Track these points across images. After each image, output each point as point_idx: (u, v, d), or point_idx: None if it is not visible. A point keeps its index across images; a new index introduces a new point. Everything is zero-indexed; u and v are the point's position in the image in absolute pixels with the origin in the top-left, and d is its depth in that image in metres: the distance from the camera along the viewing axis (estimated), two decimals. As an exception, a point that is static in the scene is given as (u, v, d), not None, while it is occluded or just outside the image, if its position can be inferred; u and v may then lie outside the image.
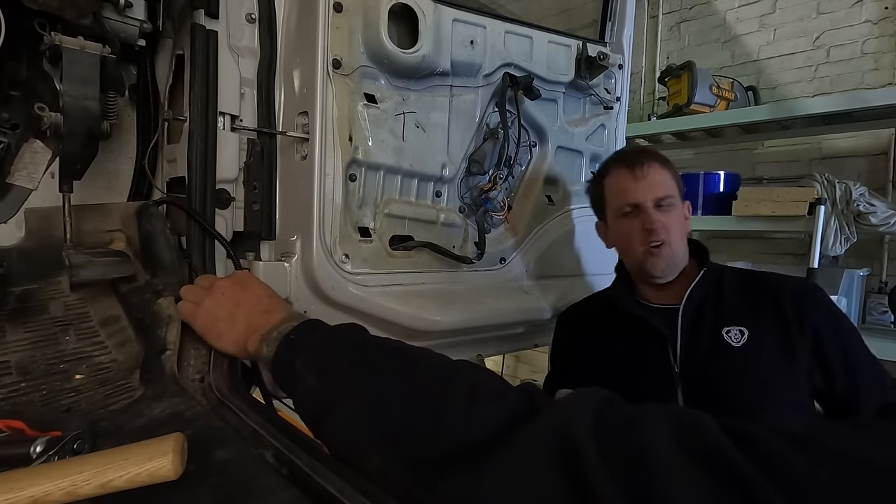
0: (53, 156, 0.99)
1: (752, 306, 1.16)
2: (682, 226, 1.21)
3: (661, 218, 1.16)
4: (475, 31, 1.22)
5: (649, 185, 1.17)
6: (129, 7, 0.90)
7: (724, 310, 1.17)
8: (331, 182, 1.07)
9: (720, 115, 2.54)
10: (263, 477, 0.58)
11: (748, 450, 0.38)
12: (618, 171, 1.22)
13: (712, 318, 1.16)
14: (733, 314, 1.16)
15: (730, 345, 1.12)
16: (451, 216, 1.29)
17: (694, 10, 3.08)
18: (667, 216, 1.17)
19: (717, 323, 1.15)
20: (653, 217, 1.16)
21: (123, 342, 0.85)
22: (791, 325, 1.13)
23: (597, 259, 1.54)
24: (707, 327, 1.15)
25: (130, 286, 0.92)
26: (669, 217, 1.17)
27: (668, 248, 1.17)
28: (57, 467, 0.52)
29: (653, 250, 1.17)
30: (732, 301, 1.18)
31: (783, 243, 2.64)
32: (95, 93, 0.87)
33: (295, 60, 1.09)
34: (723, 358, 1.12)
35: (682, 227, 1.21)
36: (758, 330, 1.13)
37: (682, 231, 1.20)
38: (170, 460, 0.52)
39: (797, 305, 1.14)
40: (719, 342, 1.13)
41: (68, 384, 0.76)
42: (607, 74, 1.47)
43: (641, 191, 1.18)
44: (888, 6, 2.45)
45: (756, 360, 1.11)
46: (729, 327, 1.14)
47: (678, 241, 1.18)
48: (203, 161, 0.97)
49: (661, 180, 1.18)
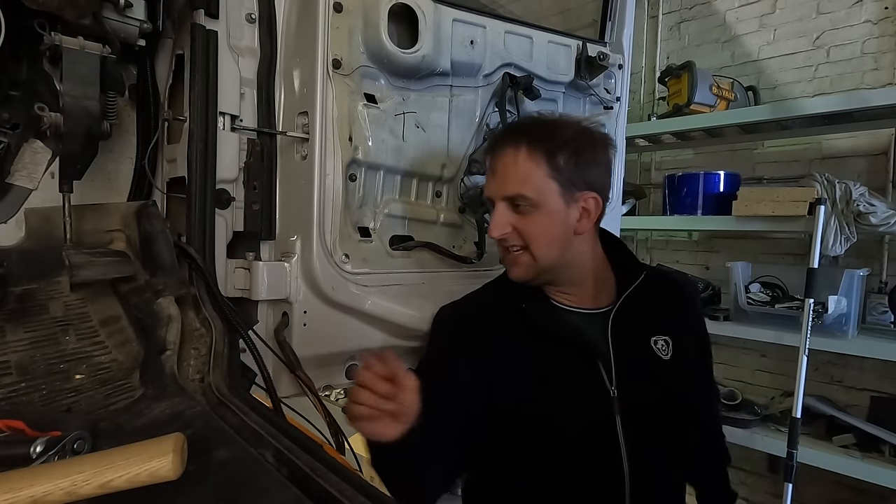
0: (53, 156, 0.99)
1: (670, 310, 1.02)
2: (555, 231, 0.94)
3: (514, 220, 0.94)
4: (475, 31, 1.21)
5: (500, 181, 0.96)
6: (129, 7, 0.90)
7: (648, 315, 1.00)
8: (331, 182, 1.07)
9: (720, 115, 2.54)
10: (263, 477, 0.58)
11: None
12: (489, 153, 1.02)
13: (640, 325, 0.99)
14: (656, 321, 1.00)
15: (660, 358, 0.97)
16: (451, 216, 1.29)
17: (694, 10, 3.08)
18: (525, 220, 0.94)
19: (645, 331, 0.98)
20: (495, 219, 0.95)
21: (123, 342, 0.85)
22: (700, 330, 1.05)
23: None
24: (636, 337, 0.98)
25: (130, 286, 0.92)
26: (527, 221, 0.93)
27: (527, 256, 0.95)
28: (57, 467, 0.52)
29: (510, 256, 0.98)
30: (654, 305, 1.01)
31: (783, 243, 2.64)
32: (95, 93, 0.87)
33: (295, 60, 1.09)
34: (657, 374, 0.96)
35: (555, 233, 0.94)
36: (680, 339, 0.99)
37: (555, 238, 0.94)
38: (170, 460, 0.52)
39: (697, 307, 1.02)
40: (650, 355, 0.97)
41: (68, 384, 0.76)
42: (607, 74, 1.47)
43: (491, 186, 0.98)
44: (888, 6, 2.45)
45: (681, 376, 0.99)
46: (656, 337, 0.98)
47: (545, 249, 0.94)
48: (203, 161, 0.97)
49: (517, 175, 0.93)
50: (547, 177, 0.92)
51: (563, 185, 0.93)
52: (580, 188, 0.94)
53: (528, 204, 0.93)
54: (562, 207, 0.94)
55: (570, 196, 0.94)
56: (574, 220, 0.95)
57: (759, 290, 2.38)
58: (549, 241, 0.94)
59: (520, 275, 0.98)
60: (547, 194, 0.93)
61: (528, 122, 1.04)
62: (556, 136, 0.94)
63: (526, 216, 0.94)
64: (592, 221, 0.97)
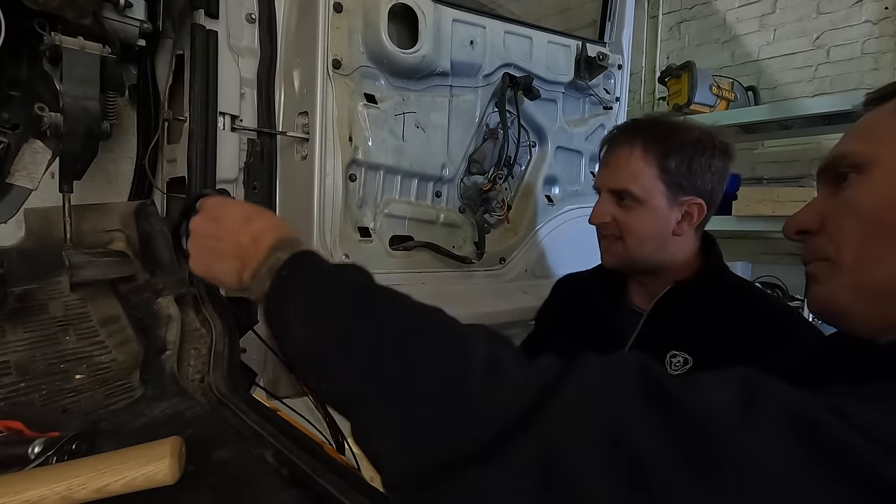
0: (53, 156, 0.99)
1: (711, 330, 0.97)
2: (653, 229, 0.98)
3: (615, 211, 1.00)
4: (475, 32, 1.22)
5: (610, 174, 1.01)
6: (129, 7, 0.90)
7: (678, 328, 0.99)
8: (331, 182, 1.07)
9: (720, 115, 2.54)
10: (263, 477, 0.58)
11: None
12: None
13: (666, 335, 0.99)
14: (684, 336, 0.98)
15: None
16: (451, 216, 1.29)
17: (694, 10, 3.08)
18: (625, 213, 0.99)
19: (667, 343, 0.99)
20: (597, 207, 1.02)
21: (123, 342, 0.85)
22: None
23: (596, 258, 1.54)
24: (655, 346, 0.98)
25: (130, 286, 0.92)
26: (627, 214, 0.98)
27: (620, 246, 1.01)
28: (53, 471, 0.52)
29: (604, 243, 1.04)
30: (693, 319, 0.98)
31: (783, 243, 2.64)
32: (95, 93, 0.87)
33: (295, 60, 1.09)
34: None
35: (652, 231, 0.98)
36: (705, 361, 0.95)
37: (652, 235, 0.98)
38: (167, 465, 0.52)
39: (757, 345, 0.90)
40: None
41: (68, 384, 0.76)
42: (607, 74, 1.47)
43: (601, 177, 1.04)
44: (888, 6, 2.45)
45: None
46: (675, 351, 0.98)
47: (638, 244, 0.99)
48: (203, 161, 0.97)
49: (627, 171, 0.97)
50: (656, 178, 0.96)
51: (671, 187, 0.96)
52: (687, 193, 0.97)
53: (631, 199, 0.97)
54: (664, 208, 0.97)
55: (675, 199, 0.97)
56: (674, 222, 0.98)
57: (759, 290, 2.37)
58: (644, 237, 0.98)
59: (610, 262, 1.04)
60: (652, 194, 0.96)
61: (649, 122, 1.06)
62: (673, 140, 0.96)
63: (627, 210, 0.98)
64: (693, 225, 1.00)
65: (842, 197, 0.53)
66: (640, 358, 0.41)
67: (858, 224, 0.51)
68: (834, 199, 0.54)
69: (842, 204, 0.52)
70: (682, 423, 0.35)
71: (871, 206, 0.50)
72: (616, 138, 1.03)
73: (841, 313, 0.53)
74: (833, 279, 0.52)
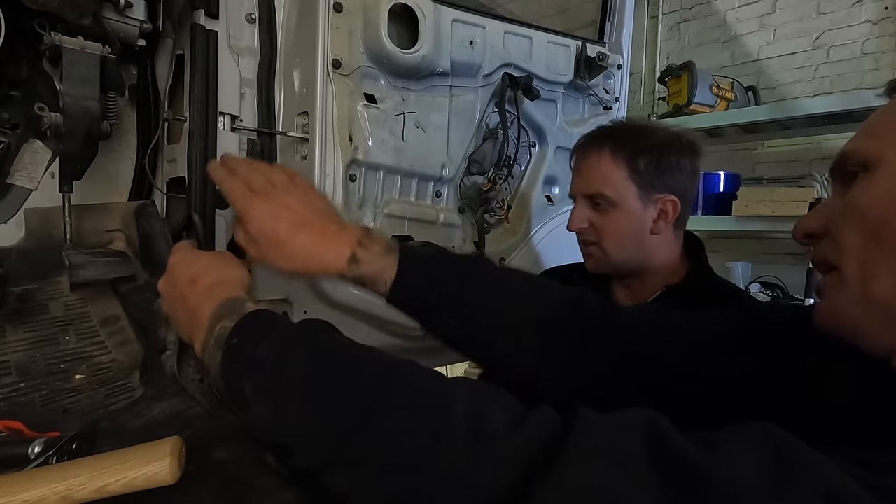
0: (53, 156, 0.99)
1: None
2: (630, 230, 1.00)
3: (591, 216, 1.02)
4: (475, 32, 1.21)
5: (582, 180, 1.04)
6: (129, 7, 0.90)
7: None
8: (331, 182, 1.07)
9: (720, 115, 2.54)
10: (263, 477, 0.58)
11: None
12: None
13: None
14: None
15: None
16: (451, 216, 1.29)
17: (694, 10, 3.08)
18: (601, 216, 1.01)
19: None
20: (574, 213, 1.04)
21: (123, 342, 0.85)
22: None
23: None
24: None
25: (130, 286, 0.92)
26: (603, 218, 1.01)
27: (600, 250, 1.03)
28: (53, 471, 0.52)
29: (585, 249, 1.06)
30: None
31: (783, 243, 2.64)
32: (95, 93, 0.87)
33: (295, 60, 1.09)
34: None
35: (629, 232, 1.01)
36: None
37: (629, 236, 1.01)
38: (167, 465, 0.51)
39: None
40: None
41: (68, 384, 0.76)
42: (606, 75, 1.47)
43: (574, 183, 1.07)
44: (888, 6, 2.45)
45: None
46: None
47: (617, 245, 1.01)
48: (203, 161, 0.97)
49: (599, 175, 1.00)
50: (627, 179, 0.99)
51: (642, 187, 0.99)
52: (660, 191, 1.00)
53: (606, 202, 1.00)
54: (639, 208, 1.00)
55: (648, 198, 1.00)
56: (650, 221, 1.01)
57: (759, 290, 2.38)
58: (621, 238, 1.01)
59: (593, 266, 1.06)
60: (625, 195, 0.99)
61: (616, 126, 1.10)
62: (640, 141, 1.00)
63: (603, 213, 1.01)
64: (670, 223, 1.02)
65: (847, 198, 0.48)
66: (648, 417, 0.37)
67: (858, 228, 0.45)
68: (841, 201, 0.49)
69: (845, 206, 0.47)
70: (709, 501, 0.31)
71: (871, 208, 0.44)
72: (584, 145, 1.05)
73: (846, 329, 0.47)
74: (838, 292, 0.48)
